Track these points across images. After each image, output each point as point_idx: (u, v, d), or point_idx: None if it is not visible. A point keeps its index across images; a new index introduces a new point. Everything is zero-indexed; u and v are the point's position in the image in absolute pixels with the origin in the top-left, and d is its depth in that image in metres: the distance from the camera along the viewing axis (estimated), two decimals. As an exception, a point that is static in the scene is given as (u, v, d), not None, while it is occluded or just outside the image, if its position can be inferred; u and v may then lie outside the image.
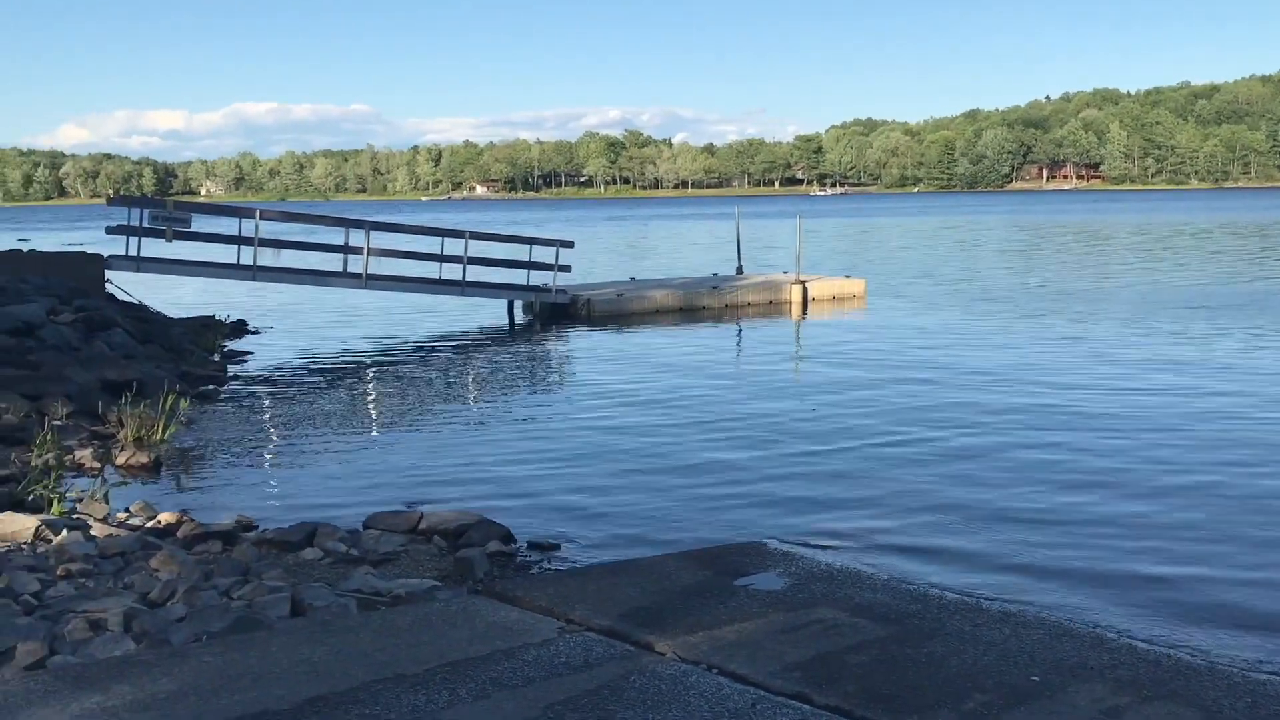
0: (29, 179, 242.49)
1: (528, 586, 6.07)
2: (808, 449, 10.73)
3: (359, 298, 23.45)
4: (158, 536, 7.20)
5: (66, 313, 15.47)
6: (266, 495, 9.34)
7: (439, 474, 10.03)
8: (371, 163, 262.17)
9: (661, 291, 23.93)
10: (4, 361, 12.46)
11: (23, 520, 6.90)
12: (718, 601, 5.73)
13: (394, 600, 5.96)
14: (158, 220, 19.63)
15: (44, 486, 8.63)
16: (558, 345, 19.53)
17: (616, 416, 12.53)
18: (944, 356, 16.57)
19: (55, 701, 4.23)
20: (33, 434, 10.20)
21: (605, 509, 8.76)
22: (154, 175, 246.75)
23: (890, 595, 5.95)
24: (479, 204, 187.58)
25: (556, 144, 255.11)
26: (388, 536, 7.54)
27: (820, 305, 24.39)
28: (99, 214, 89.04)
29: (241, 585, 5.90)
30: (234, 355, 17.79)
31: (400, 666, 4.64)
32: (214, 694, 4.35)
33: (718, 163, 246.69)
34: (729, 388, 14.47)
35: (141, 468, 9.98)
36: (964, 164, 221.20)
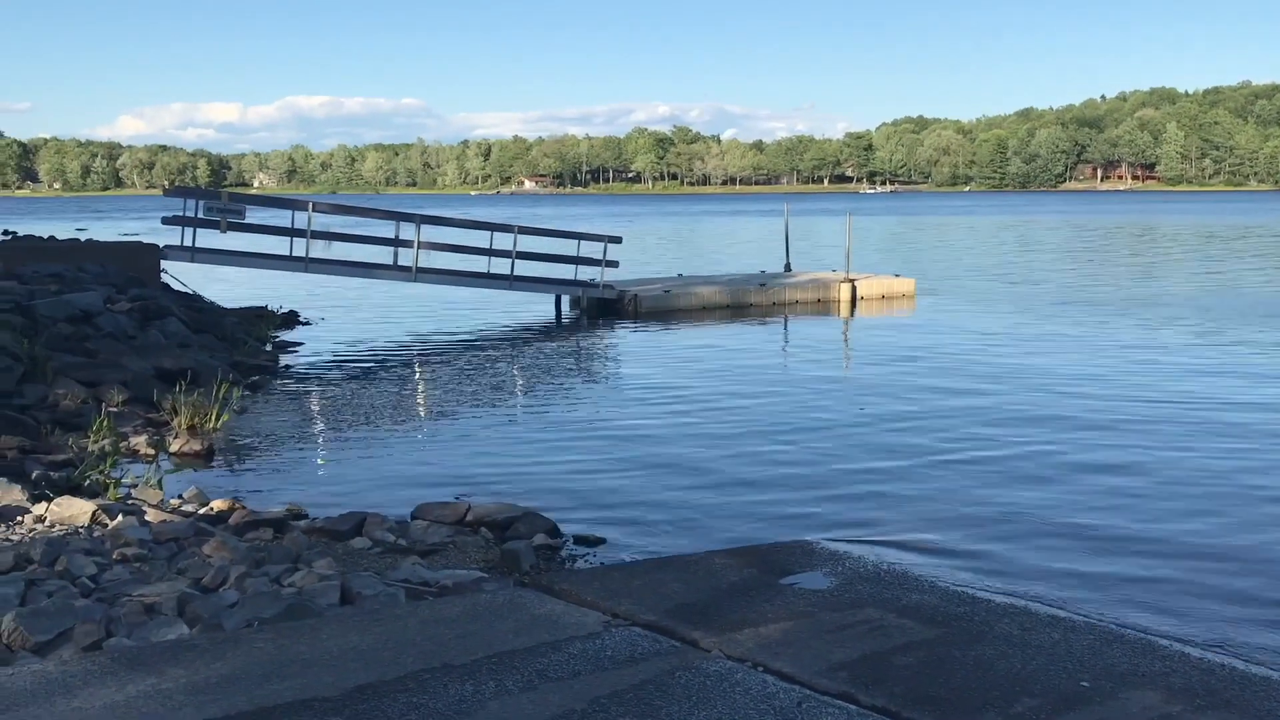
0: (87, 169, 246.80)
1: (574, 580, 6.10)
2: (855, 448, 10.67)
3: (408, 290, 23.62)
4: (210, 523, 7.31)
5: (123, 301, 15.74)
6: (316, 484, 9.45)
7: (485, 466, 10.09)
8: (421, 157, 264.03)
9: (709, 288, 23.89)
10: (62, 349, 12.70)
11: (80, 504, 7.04)
12: (763, 599, 5.72)
13: (441, 590, 6.00)
14: (212, 211, 19.92)
15: (100, 472, 8.80)
16: (604, 341, 19.56)
17: (662, 412, 12.54)
18: (994, 358, 16.40)
19: (112, 682, 4.31)
20: (90, 420, 10.40)
21: (650, 505, 8.76)
22: (208, 167, 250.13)
23: (937, 597, 5.90)
24: (527, 199, 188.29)
25: (605, 140, 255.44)
26: (435, 527, 7.60)
27: (869, 304, 24.23)
28: (155, 204, 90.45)
29: (292, 573, 5.98)
30: (285, 345, 18.01)
31: (448, 656, 4.68)
32: (265, 679, 4.41)
33: (766, 159, 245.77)
34: (776, 385, 14.43)
35: (194, 455, 10.14)
36: (1017, 163, 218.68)
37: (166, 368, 12.69)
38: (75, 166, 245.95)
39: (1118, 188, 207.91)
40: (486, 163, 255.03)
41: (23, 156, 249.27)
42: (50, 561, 5.84)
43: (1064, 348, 17.37)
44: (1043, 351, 16.98)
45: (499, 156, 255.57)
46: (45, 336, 12.83)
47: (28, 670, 4.42)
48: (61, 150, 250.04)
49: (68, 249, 22.24)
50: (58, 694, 4.21)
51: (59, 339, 13.01)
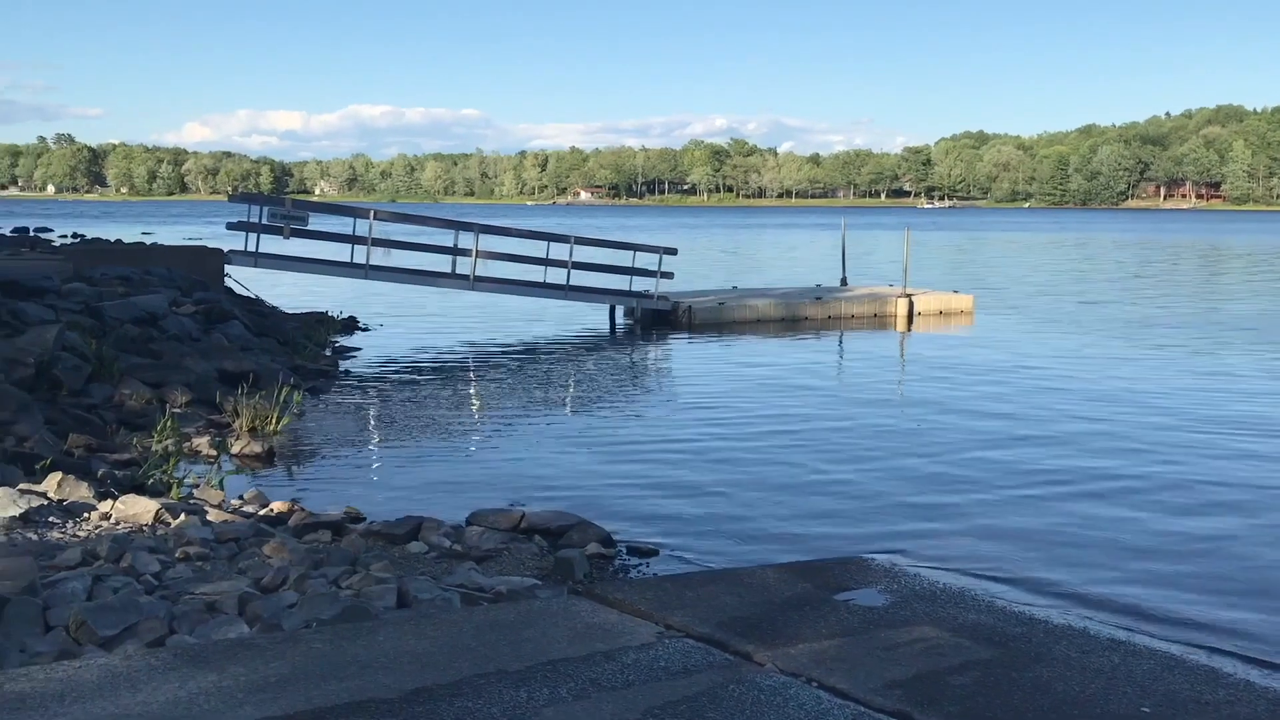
0: (153, 174, 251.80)
1: (627, 590, 6.10)
2: (911, 465, 10.58)
3: (465, 298, 23.83)
4: (270, 524, 7.42)
5: (187, 304, 16.05)
6: (372, 488, 9.57)
7: (539, 474, 10.15)
8: (480, 166, 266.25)
9: (764, 301, 23.84)
10: (129, 350, 12.97)
11: (144, 503, 7.18)
12: (817, 615, 5.69)
13: (496, 597, 6.05)
14: (276, 218, 20.25)
15: (163, 472, 8.97)
16: (658, 351, 19.59)
17: (716, 425, 12.52)
18: (1054, 376, 16.19)
19: (175, 678, 4.39)
20: (154, 420, 10.61)
21: (703, 517, 8.76)
22: (271, 174, 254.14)
23: (994, 617, 5.83)
24: (583, 209, 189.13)
25: (661, 151, 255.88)
26: (490, 534, 7.66)
27: (926, 320, 24.03)
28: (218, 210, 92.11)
29: (350, 575, 6.05)
30: (344, 351, 18.24)
31: (502, 662, 4.71)
32: (323, 679, 4.46)
33: (823, 173, 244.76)
34: (831, 400, 14.35)
35: (255, 457, 10.30)
36: (1078, 180, 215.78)
37: (229, 370, 12.92)
38: (142, 172, 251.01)
39: (1181, 206, 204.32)
40: (543, 173, 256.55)
41: (92, 161, 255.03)
42: (116, 558, 5.96)
43: (1124, 368, 17.10)
44: (1102, 371, 16.73)
45: (556, 167, 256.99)
46: (112, 337, 13.12)
47: (95, 664, 4.51)
48: (129, 155, 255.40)
49: (135, 252, 22.71)
50: (123, 688, 4.29)
51: (126, 340, 13.29)
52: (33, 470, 8.34)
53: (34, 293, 14.55)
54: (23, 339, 11.56)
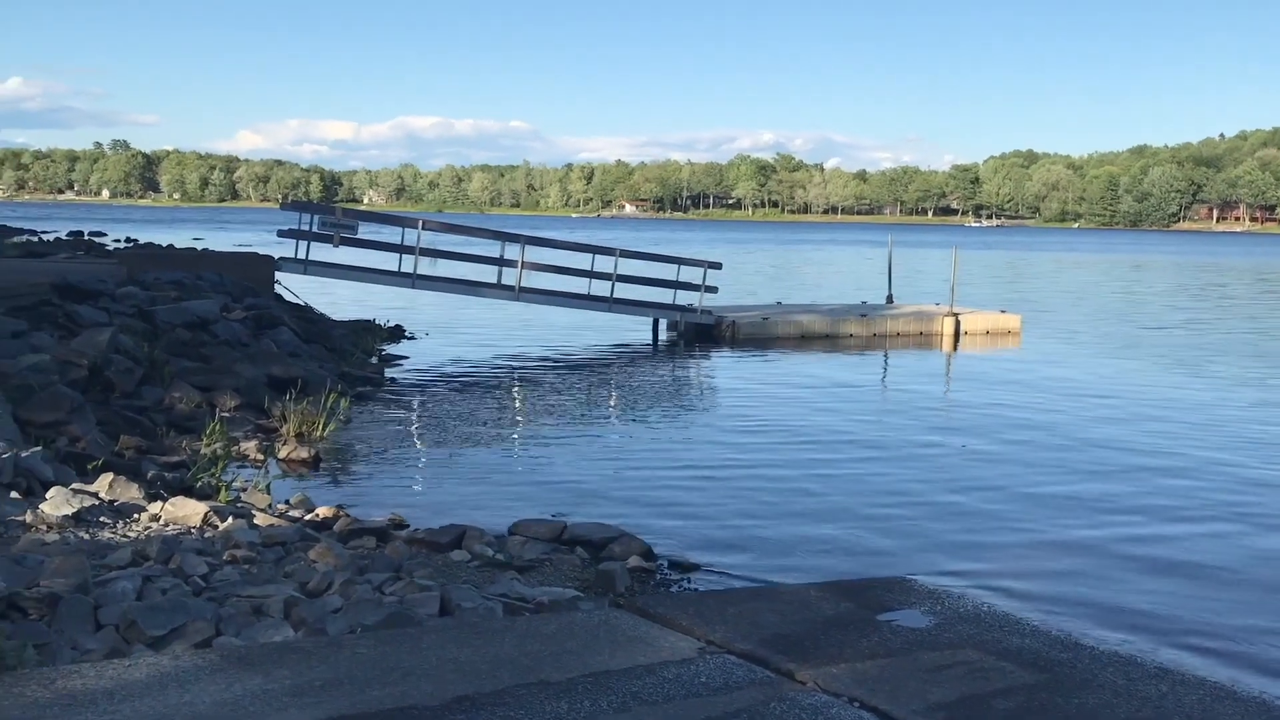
0: (205, 181, 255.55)
1: (669, 604, 6.10)
2: (956, 486, 10.49)
3: (509, 309, 23.94)
4: (316, 529, 7.50)
5: (238, 310, 16.27)
6: (416, 495, 9.64)
7: (580, 486, 10.17)
8: (526, 178, 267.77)
9: (808, 316, 23.76)
10: (180, 354, 13.17)
11: (193, 505, 7.28)
12: (860, 634, 5.65)
13: (538, 607, 6.07)
14: (326, 226, 20.51)
15: (212, 475, 9.09)
16: (701, 366, 19.58)
17: (758, 440, 12.49)
18: (1102, 399, 15.99)
19: (221, 679, 4.44)
20: (203, 424, 10.76)
21: (745, 533, 8.74)
22: (321, 182, 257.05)
23: (1039, 641, 5.76)
24: (628, 222, 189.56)
25: (707, 165, 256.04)
26: (532, 544, 7.69)
27: (973, 339, 23.83)
28: (269, 217, 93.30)
29: (394, 582, 6.10)
30: (391, 359, 18.40)
31: (544, 673, 4.72)
32: (366, 685, 4.50)
33: (870, 189, 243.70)
34: (875, 418, 14.27)
35: (301, 462, 10.42)
36: (1128, 201, 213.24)
37: (277, 376, 13.07)
38: (194, 178, 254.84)
39: (1234, 229, 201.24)
40: (589, 186, 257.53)
41: (146, 167, 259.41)
42: (165, 559, 6.05)
43: (1175, 392, 16.86)
44: (1152, 395, 16.51)
45: (601, 180, 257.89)
46: (164, 341, 13.32)
47: (144, 663, 4.58)
48: (182, 162, 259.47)
49: (187, 257, 23.06)
50: (171, 687, 4.35)
51: (177, 344, 13.49)
52: (85, 470, 8.48)
53: (89, 295, 14.82)
54: (77, 341, 11.77)
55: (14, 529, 6.56)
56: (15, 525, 6.62)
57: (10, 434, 8.47)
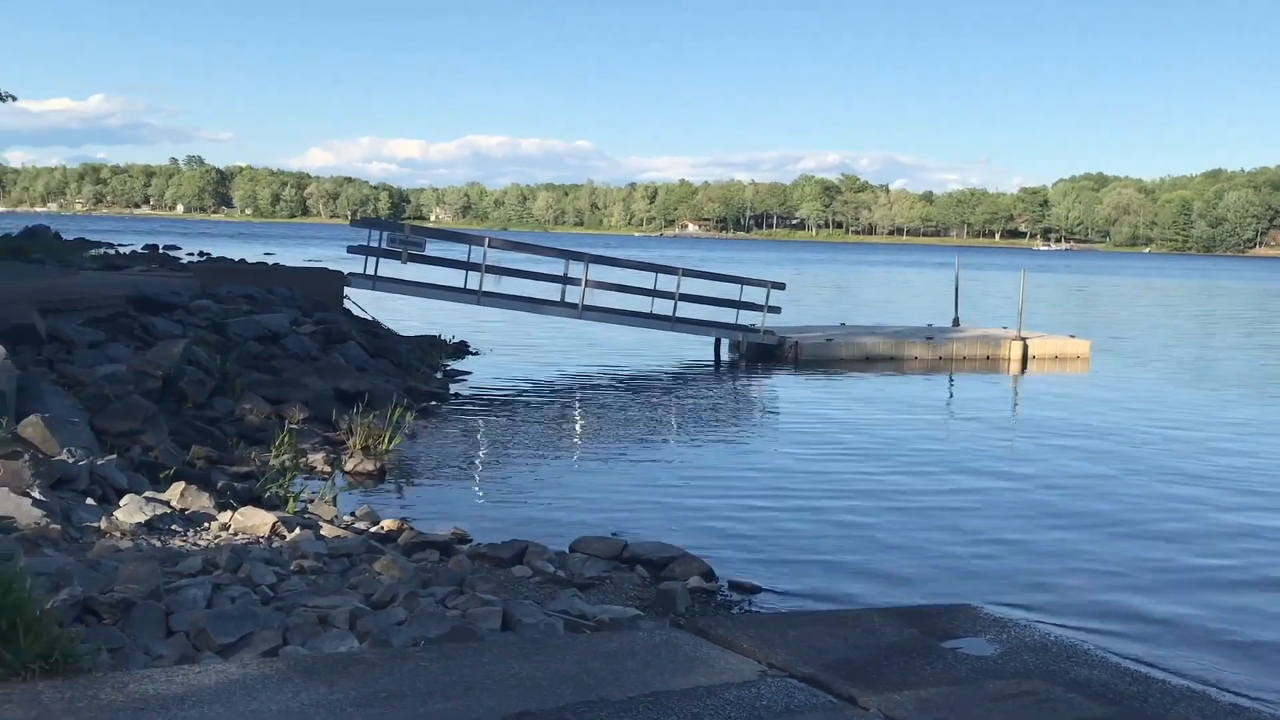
0: (277, 197, 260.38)
1: (729, 626, 6.07)
2: (1020, 512, 10.33)
3: (572, 327, 24.06)
4: (381, 541, 7.58)
5: (308, 324, 16.55)
6: (478, 510, 9.71)
7: (640, 505, 10.18)
8: (590, 197, 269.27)
9: (872, 338, 23.58)
10: (251, 366, 13.42)
11: (262, 515, 7.40)
12: (923, 662, 5.58)
13: (598, 625, 6.08)
14: (395, 243, 20.81)
15: (280, 486, 9.24)
16: (763, 386, 19.51)
17: (820, 462, 12.41)
18: (1170, 426, 15.65)
19: (288, 688, 4.50)
20: (273, 435, 10.95)
21: (806, 555, 8.68)
22: (389, 199, 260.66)
23: (1108, 673, 5.65)
24: (690, 241, 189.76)
25: (771, 185, 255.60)
26: (593, 561, 7.71)
27: (1040, 364, 23.48)
28: (338, 233, 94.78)
29: (456, 595, 6.15)
30: (455, 374, 18.58)
31: (605, 691, 4.72)
32: (429, 697, 4.53)
33: (936, 211, 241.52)
34: (939, 443, 14.11)
35: (367, 475, 10.55)
36: (1202, 226, 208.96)
37: (345, 389, 13.26)
38: (266, 194, 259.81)
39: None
40: (652, 205, 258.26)
41: (220, 183, 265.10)
42: (234, 568, 6.16)
43: (1246, 422, 16.45)
44: (1223, 425, 16.12)
45: (665, 199, 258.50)
46: (236, 354, 13.59)
47: (213, 670, 4.66)
48: (255, 178, 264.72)
49: (258, 272, 23.52)
50: (238, 695, 4.42)
51: (248, 357, 13.75)
52: (157, 479, 8.67)
53: (164, 308, 15.18)
54: (152, 352, 12.06)
55: (89, 535, 6.72)
56: (91, 531, 6.78)
57: (87, 442, 8.69)
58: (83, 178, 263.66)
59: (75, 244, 42.36)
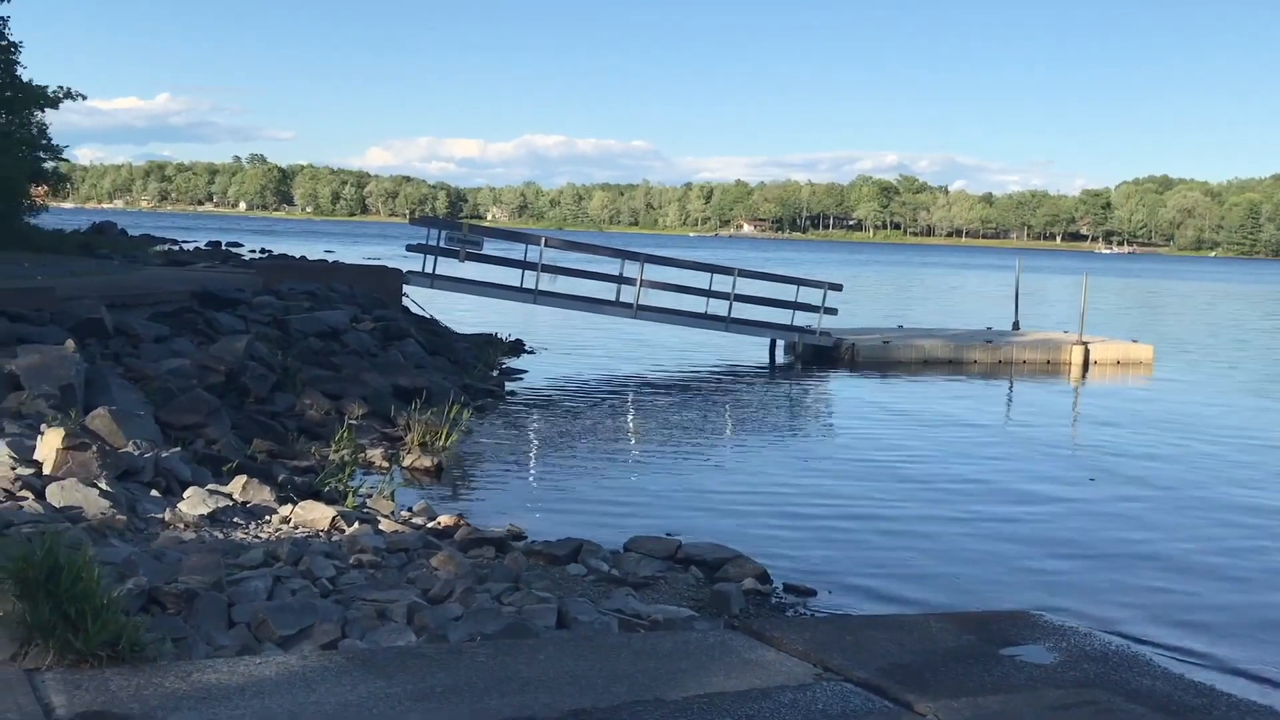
0: (337, 195, 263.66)
1: (784, 628, 6.05)
2: (1079, 519, 10.18)
3: (627, 326, 24.09)
4: (437, 537, 7.65)
5: (367, 321, 16.74)
6: (532, 507, 9.76)
7: (693, 505, 10.17)
8: (645, 197, 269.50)
9: (931, 341, 23.35)
10: (311, 362, 13.60)
11: (322, 509, 7.50)
12: (982, 669, 5.51)
13: (652, 624, 6.08)
14: (453, 241, 20.99)
15: (339, 480, 9.36)
16: (819, 388, 19.39)
17: (876, 466, 12.31)
18: (1235, 433, 15.33)
19: (346, 681, 4.56)
20: (332, 431, 11.09)
21: (861, 561, 8.62)
22: (446, 199, 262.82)
23: (1171, 685, 5.54)
24: (746, 242, 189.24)
25: (828, 186, 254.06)
26: (647, 561, 7.71)
27: (1102, 369, 23.10)
28: (397, 231, 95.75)
29: (512, 592, 6.19)
30: (511, 372, 18.69)
31: (659, 691, 4.72)
32: (485, 693, 4.56)
33: (996, 213, 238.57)
34: (998, 447, 13.93)
35: (424, 471, 10.65)
36: (1270, 229, 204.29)
37: (403, 386, 13.40)
38: (327, 192, 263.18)
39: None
40: (707, 205, 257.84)
41: (281, 181, 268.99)
42: (295, 561, 6.24)
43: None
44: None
45: (720, 199, 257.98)
46: (297, 349, 13.78)
47: (273, 661, 4.73)
48: (315, 177, 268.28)
49: (319, 269, 23.83)
50: (298, 686, 4.47)
51: (309, 353, 13.94)
52: (220, 472, 8.81)
53: (227, 304, 15.43)
54: (215, 347, 12.26)
55: (154, 526, 6.85)
56: (155, 522, 6.91)
57: (152, 434, 8.86)
58: (148, 175, 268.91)
59: (141, 240, 43.19)
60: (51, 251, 24.12)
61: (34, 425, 8.13)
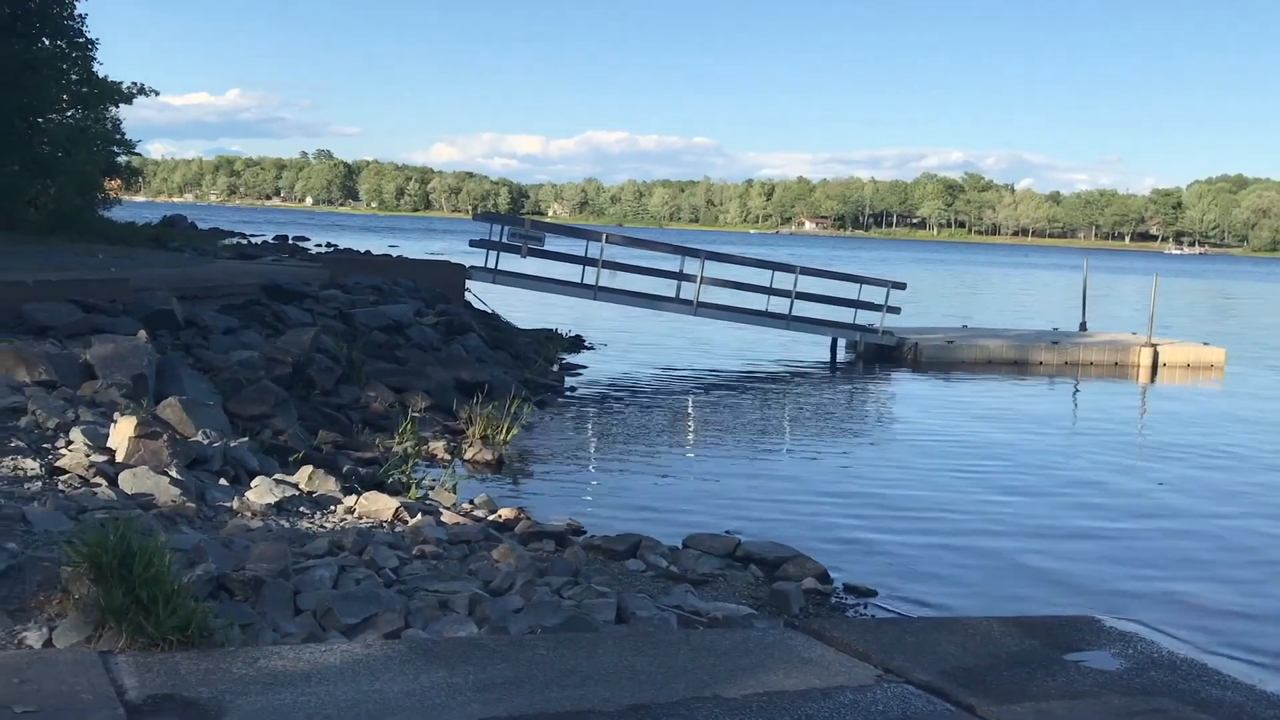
0: (401, 191, 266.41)
1: (844, 628, 6.02)
2: (1147, 525, 9.99)
3: (685, 323, 24.07)
4: (498, 530, 7.71)
5: (430, 315, 16.92)
6: (592, 502, 9.80)
7: (752, 503, 10.14)
8: (706, 194, 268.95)
9: (995, 341, 23.04)
10: (376, 355, 13.77)
11: (385, 500, 7.59)
12: (1045, 673, 5.44)
13: (711, 621, 6.08)
14: (515, 237, 21.12)
15: (402, 472, 9.47)
16: (881, 388, 19.23)
17: (938, 467, 12.18)
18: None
19: (409, 670, 4.62)
20: (395, 423, 11.23)
21: (922, 562, 8.54)
22: (508, 194, 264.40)
23: (1243, 695, 5.43)
24: (807, 239, 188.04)
25: (891, 183, 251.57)
26: (706, 558, 7.71)
27: (1171, 372, 22.63)
28: (459, 226, 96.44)
29: (572, 586, 6.22)
30: (571, 368, 18.77)
31: (719, 688, 4.72)
32: (545, 686, 4.60)
33: (1063, 212, 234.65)
34: (1063, 450, 13.72)
35: (485, 464, 10.75)
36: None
37: (465, 380, 13.52)
38: (391, 188, 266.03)
39: None
40: (769, 202, 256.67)
41: (347, 176, 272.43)
42: (359, 550, 6.33)
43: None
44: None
45: (781, 196, 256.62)
46: (362, 343, 13.97)
47: (338, 649, 4.80)
48: (380, 172, 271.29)
49: (384, 263, 24.12)
50: (362, 675, 4.54)
51: (373, 346, 14.12)
52: (286, 462, 8.96)
53: (295, 297, 15.67)
54: (283, 339, 12.46)
55: (222, 514, 6.99)
56: (223, 510, 7.04)
57: (220, 424, 9.03)
58: (217, 170, 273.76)
59: (210, 233, 43.95)
60: (124, 244, 24.66)
61: (107, 413, 8.32)
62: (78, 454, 7.12)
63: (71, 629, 4.52)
